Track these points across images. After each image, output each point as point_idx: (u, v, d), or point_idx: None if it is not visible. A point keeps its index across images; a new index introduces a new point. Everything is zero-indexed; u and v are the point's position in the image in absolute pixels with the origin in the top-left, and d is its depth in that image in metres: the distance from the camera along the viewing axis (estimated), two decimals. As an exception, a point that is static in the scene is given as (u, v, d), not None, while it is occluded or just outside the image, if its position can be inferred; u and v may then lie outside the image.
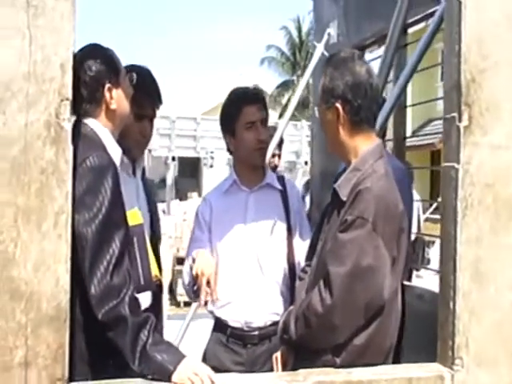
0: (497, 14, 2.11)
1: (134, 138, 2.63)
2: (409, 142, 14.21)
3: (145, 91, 2.61)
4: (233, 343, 2.81)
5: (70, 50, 1.85)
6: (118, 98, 2.26)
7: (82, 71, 2.17)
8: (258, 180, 2.96)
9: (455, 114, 2.14)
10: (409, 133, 15.15)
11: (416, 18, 4.37)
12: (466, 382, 2.08)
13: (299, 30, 35.54)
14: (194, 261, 2.74)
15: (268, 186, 2.97)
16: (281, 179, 3.05)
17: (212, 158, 15.36)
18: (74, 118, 2.31)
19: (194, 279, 2.67)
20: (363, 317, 2.12)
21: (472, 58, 2.12)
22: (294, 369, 2.16)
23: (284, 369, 2.33)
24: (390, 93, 3.75)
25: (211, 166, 15.58)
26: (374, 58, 4.65)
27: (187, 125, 17.28)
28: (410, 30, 4.56)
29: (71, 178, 1.84)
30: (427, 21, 4.09)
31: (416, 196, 7.47)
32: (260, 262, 2.85)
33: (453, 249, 2.10)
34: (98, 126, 2.20)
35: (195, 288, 2.72)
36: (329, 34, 5.46)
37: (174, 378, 1.88)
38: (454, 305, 2.07)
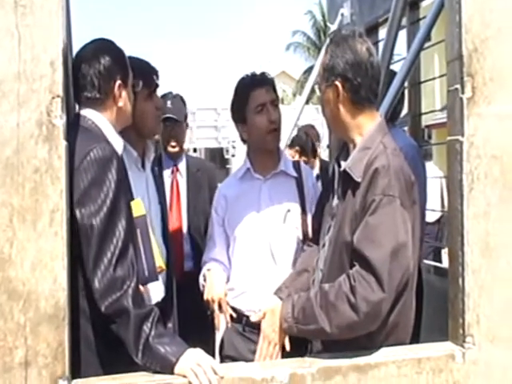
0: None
1: (153, 115, 2.72)
2: (438, 120, 14.04)
3: (143, 71, 2.66)
4: (249, 332, 2.77)
5: (60, 47, 1.83)
6: (124, 98, 2.31)
7: (95, 61, 2.22)
8: (271, 167, 2.92)
9: (458, 86, 2.09)
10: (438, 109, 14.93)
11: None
12: (478, 359, 2.03)
13: (323, 13, 35.20)
14: (205, 279, 2.85)
15: (282, 173, 2.92)
16: (296, 166, 3.00)
17: (234, 147, 15.19)
18: (74, 111, 2.32)
19: (206, 304, 2.79)
20: (397, 293, 2.04)
21: (474, 27, 2.07)
22: None
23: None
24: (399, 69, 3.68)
25: (233, 156, 15.40)
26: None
27: (208, 115, 17.12)
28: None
29: (65, 174, 1.83)
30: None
31: (439, 172, 7.35)
32: (272, 251, 2.82)
33: (460, 224, 2.05)
34: (99, 118, 2.22)
35: (209, 313, 2.82)
36: (342, 15, 5.41)
37: (177, 369, 1.88)
38: (463, 281, 2.03)
